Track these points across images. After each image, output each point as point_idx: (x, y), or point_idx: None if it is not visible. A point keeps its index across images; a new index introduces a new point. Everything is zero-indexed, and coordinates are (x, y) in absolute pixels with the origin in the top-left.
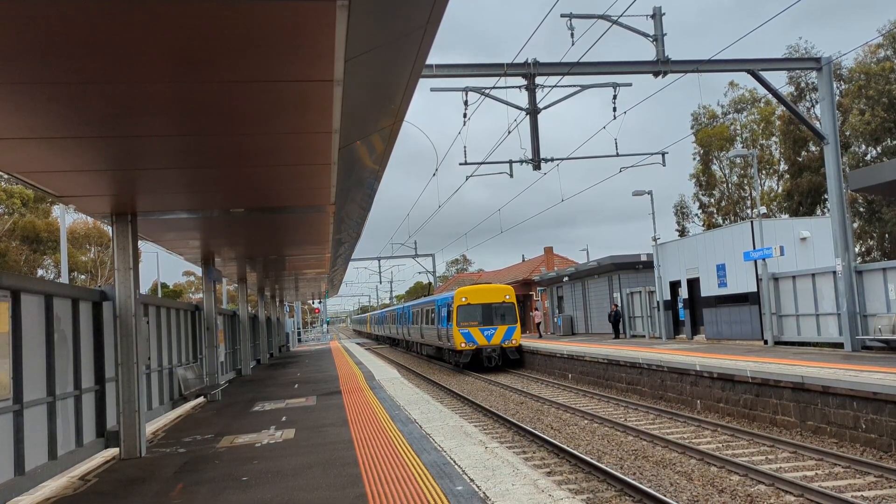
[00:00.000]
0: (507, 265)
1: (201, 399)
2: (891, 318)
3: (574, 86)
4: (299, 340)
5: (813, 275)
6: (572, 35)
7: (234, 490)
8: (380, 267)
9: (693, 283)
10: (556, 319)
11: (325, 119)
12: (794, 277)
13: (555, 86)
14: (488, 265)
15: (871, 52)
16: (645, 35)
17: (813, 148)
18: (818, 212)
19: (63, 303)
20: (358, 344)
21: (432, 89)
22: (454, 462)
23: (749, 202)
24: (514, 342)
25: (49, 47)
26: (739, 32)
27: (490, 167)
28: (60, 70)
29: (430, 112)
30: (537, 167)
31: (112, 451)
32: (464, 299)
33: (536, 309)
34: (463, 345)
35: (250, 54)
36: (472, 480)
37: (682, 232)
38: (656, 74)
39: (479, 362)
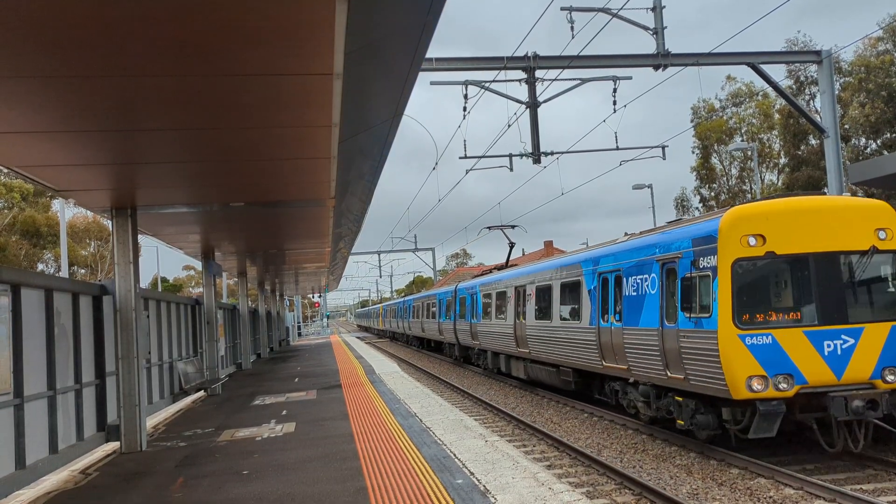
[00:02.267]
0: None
1: (202, 393)
2: None
3: (574, 79)
4: (299, 334)
5: None
6: (572, 28)
7: (235, 483)
8: (380, 261)
9: None
10: None
11: (325, 113)
12: None
13: (555, 79)
14: (489, 259)
15: (871, 45)
16: (645, 28)
17: (813, 141)
18: None
19: (63, 297)
20: (358, 338)
21: (432, 83)
22: (454, 455)
23: (749, 195)
24: None
25: (49, 40)
26: (739, 28)
27: (490, 161)
28: (61, 63)
29: (430, 106)
30: (537, 161)
31: (113, 445)
32: (752, 241)
33: None
34: (758, 386)
35: (250, 47)
36: (472, 474)
37: None
38: (656, 68)
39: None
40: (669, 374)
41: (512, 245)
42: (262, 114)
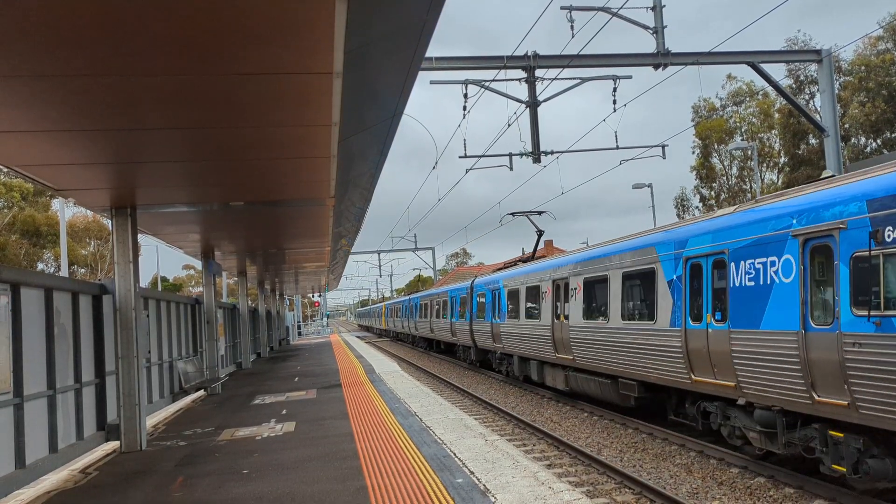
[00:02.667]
0: (507, 258)
1: (201, 392)
2: None
3: (574, 78)
4: (299, 334)
5: None
6: (572, 27)
7: (235, 483)
8: (380, 260)
9: None
10: None
11: (325, 112)
12: None
13: (555, 78)
14: (488, 258)
15: (871, 44)
16: (645, 27)
17: (813, 140)
18: None
19: (63, 296)
20: (358, 337)
21: (432, 82)
22: (454, 455)
23: (749, 195)
24: None
25: (48, 39)
26: (739, 28)
27: (490, 160)
28: (60, 62)
29: (430, 105)
30: (537, 160)
31: (113, 445)
32: None
33: None
34: None
35: (250, 46)
36: (472, 473)
37: None
38: (656, 67)
39: None
40: (818, 396)
41: (540, 233)
42: (261, 113)
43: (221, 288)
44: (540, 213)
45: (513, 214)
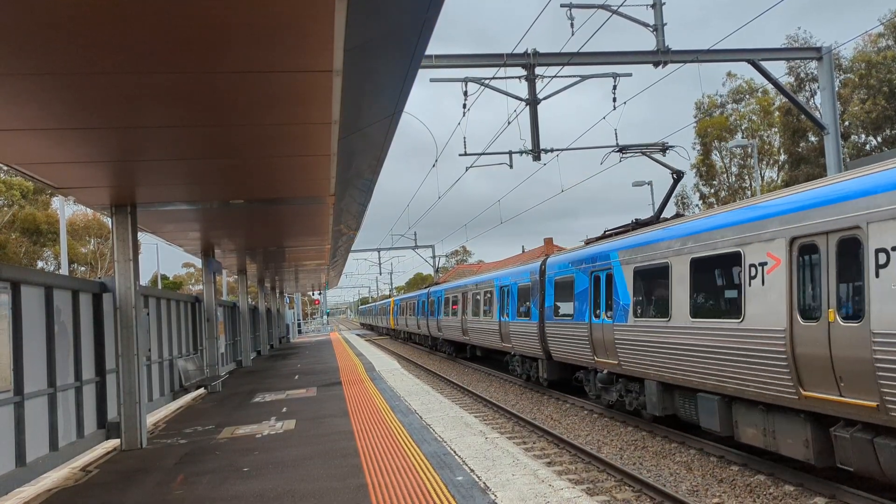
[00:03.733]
0: (506, 256)
1: (202, 390)
2: None
3: (574, 76)
4: (299, 332)
5: None
6: (572, 25)
7: (235, 481)
8: (380, 258)
9: None
10: None
11: (325, 110)
12: None
13: (555, 76)
14: (488, 256)
15: (871, 41)
16: (645, 25)
17: (812, 138)
18: None
19: (63, 294)
20: (358, 335)
21: (432, 80)
22: (454, 452)
23: (749, 192)
24: None
25: (48, 38)
26: (739, 25)
27: (490, 158)
28: (59, 61)
29: (430, 103)
30: (537, 158)
31: (113, 443)
32: None
33: None
34: None
35: (250, 44)
36: (472, 470)
37: None
38: (656, 64)
39: None
40: None
41: (678, 176)
42: (261, 110)
43: (221, 286)
44: (664, 149)
45: (622, 150)
